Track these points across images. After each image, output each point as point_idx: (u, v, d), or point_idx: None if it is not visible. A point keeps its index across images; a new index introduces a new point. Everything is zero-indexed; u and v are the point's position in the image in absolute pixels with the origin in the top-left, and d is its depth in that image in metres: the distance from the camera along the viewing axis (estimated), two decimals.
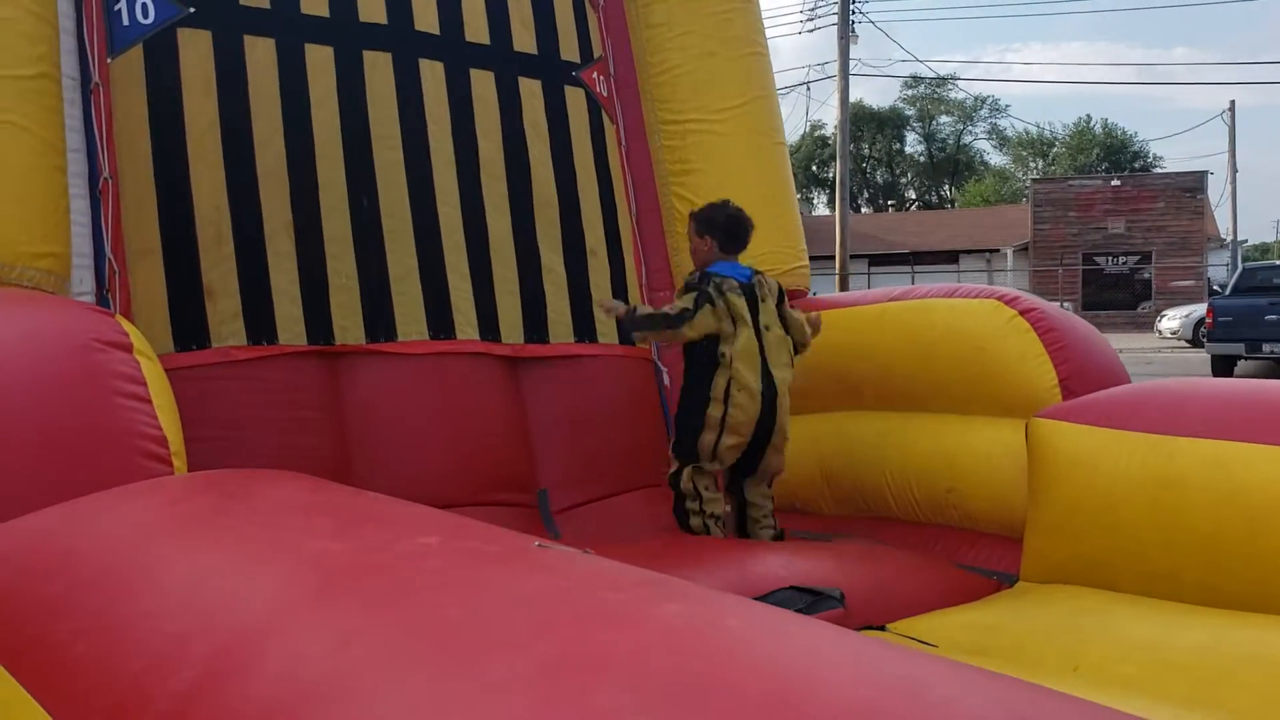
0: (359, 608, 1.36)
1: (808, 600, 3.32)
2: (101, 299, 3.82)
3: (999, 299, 4.28)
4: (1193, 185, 34.93)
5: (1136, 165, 49.63)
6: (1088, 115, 53.13)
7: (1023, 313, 4.16)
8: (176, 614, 1.51)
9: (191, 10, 4.07)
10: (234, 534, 1.79)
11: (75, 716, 1.44)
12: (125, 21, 3.96)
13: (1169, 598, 3.30)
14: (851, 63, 24.28)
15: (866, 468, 4.56)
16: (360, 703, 1.14)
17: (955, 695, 1.09)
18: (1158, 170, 47.41)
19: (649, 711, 1.01)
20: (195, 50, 4.07)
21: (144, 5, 3.98)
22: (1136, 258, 34.90)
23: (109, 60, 3.93)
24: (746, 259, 5.02)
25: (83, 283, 3.78)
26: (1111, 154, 50.89)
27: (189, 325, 3.94)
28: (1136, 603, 3.32)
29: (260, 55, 4.20)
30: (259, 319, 4.06)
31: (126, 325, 2.76)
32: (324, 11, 4.37)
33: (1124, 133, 52.35)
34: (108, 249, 3.85)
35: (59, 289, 3.58)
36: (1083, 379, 4.01)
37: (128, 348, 2.60)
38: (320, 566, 1.52)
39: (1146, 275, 34.84)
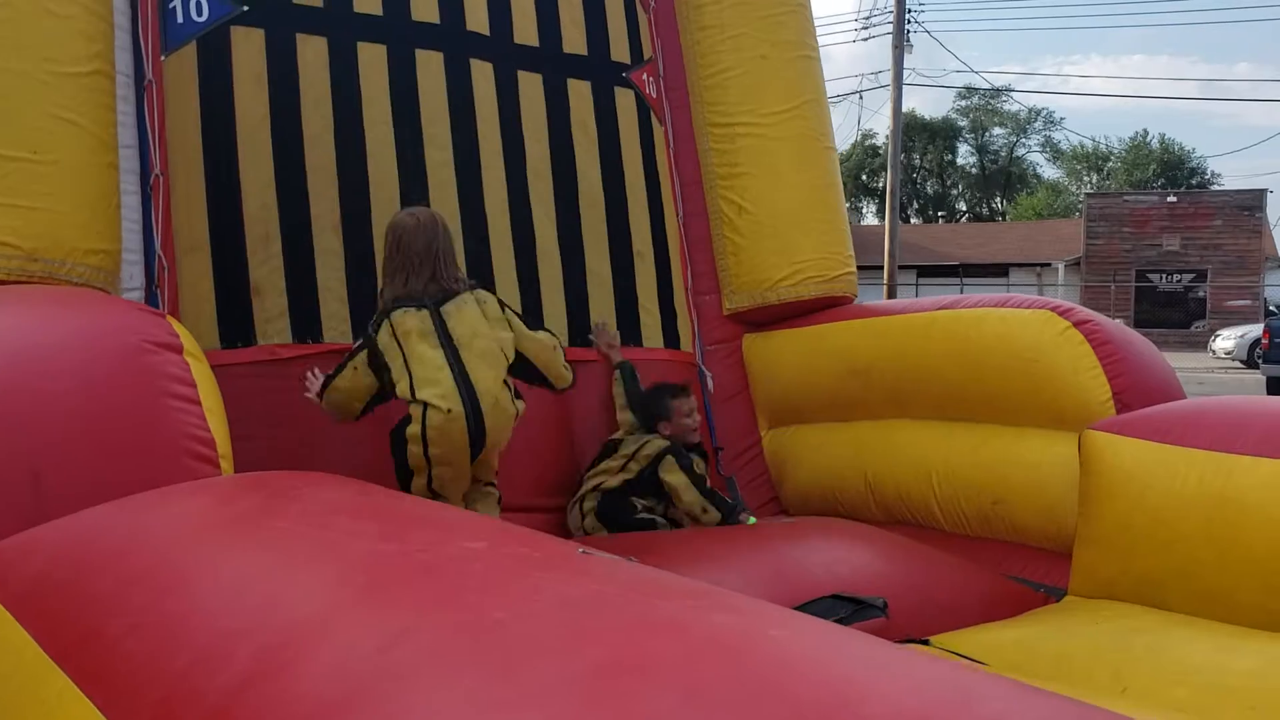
0: (406, 609, 1.36)
1: (849, 609, 3.27)
2: (151, 295, 3.86)
3: (1052, 309, 4.21)
4: (1251, 203, 34.37)
5: (1194, 182, 48.98)
6: (1144, 130, 52.61)
7: (1077, 324, 4.09)
8: (225, 611, 1.52)
9: (245, 8, 4.10)
10: (282, 534, 1.79)
11: (124, 711, 1.44)
12: (179, 19, 4.01)
13: (1223, 619, 3.22)
14: (905, 72, 24.14)
15: (912, 477, 4.51)
16: (407, 702, 1.13)
17: (1006, 710, 1.06)
18: (1215, 187, 46.72)
19: (699, 717, 0.99)
20: (248, 48, 4.10)
21: (198, 3, 4.03)
22: (1191, 275, 34.40)
23: (163, 57, 3.98)
24: (793, 265, 5.00)
25: (132, 278, 3.82)
26: (1168, 170, 50.25)
27: (235, 322, 3.97)
28: (1189, 623, 3.24)
29: (312, 53, 4.23)
30: (305, 317, 4.08)
31: (177, 327, 2.78)
32: (377, 10, 4.39)
33: (1181, 148, 51.71)
34: (158, 245, 3.88)
35: (109, 285, 3.61)
36: (1138, 394, 3.93)
37: (178, 349, 2.62)
38: (368, 567, 1.51)
39: (1201, 294, 34.33)
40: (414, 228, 3.63)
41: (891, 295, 23.10)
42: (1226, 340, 27.04)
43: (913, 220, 54.45)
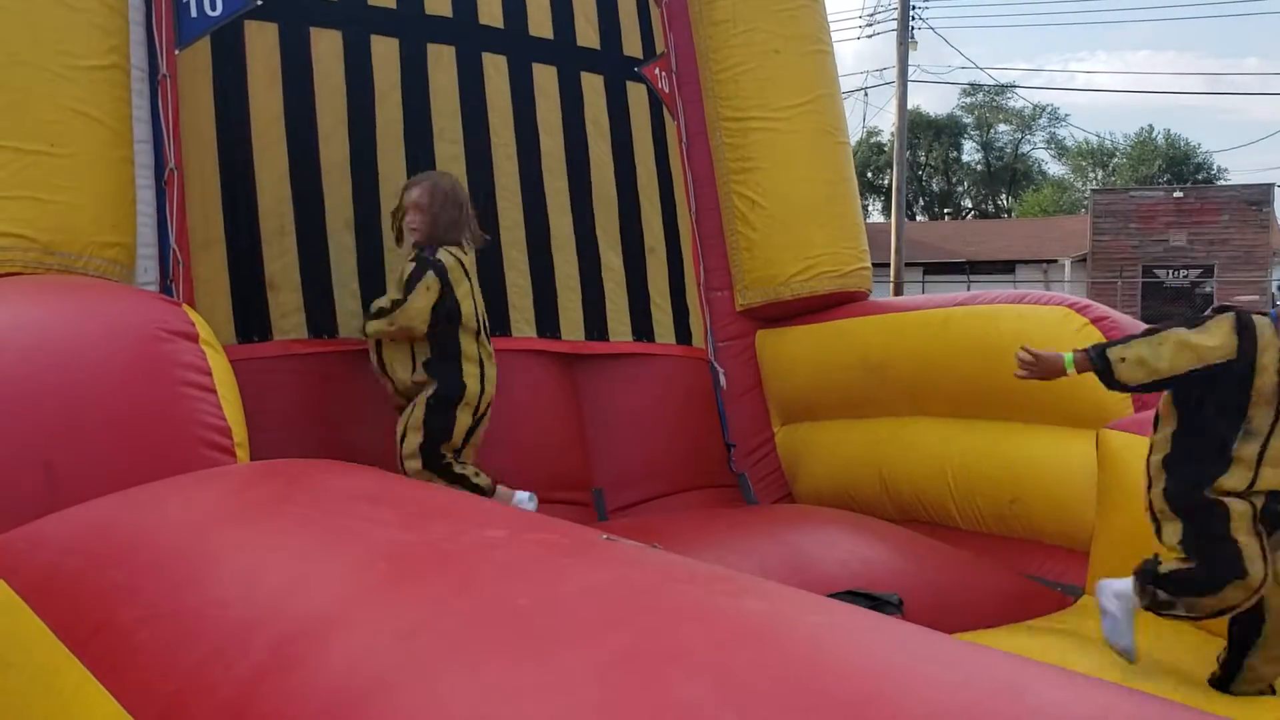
0: (428, 597, 1.34)
1: (864, 605, 3.25)
2: (165, 289, 3.85)
3: (1069, 306, 4.18)
4: (1258, 198, 34.19)
5: (1200, 177, 48.82)
6: (1149, 126, 52.43)
7: (1094, 321, 4.05)
8: (241, 601, 1.50)
9: (259, 2, 4.08)
10: (299, 522, 1.77)
11: (140, 701, 1.42)
12: (193, 14, 3.99)
13: None
14: (910, 69, 24.03)
15: (928, 475, 4.47)
16: (430, 692, 1.11)
17: (1057, 697, 1.03)
18: (1222, 182, 46.56)
19: (733, 706, 0.96)
20: (262, 42, 4.08)
21: None
22: (1198, 271, 34.24)
23: (177, 52, 3.96)
24: (806, 260, 4.99)
25: (147, 272, 3.81)
26: (1174, 165, 50.06)
27: (251, 317, 3.95)
28: (1207, 624, 3.21)
29: (326, 47, 4.21)
30: (320, 312, 4.06)
31: (193, 315, 2.77)
32: (390, 4, 4.37)
33: (1187, 144, 51.54)
34: (172, 239, 3.87)
35: (124, 278, 3.61)
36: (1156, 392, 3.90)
37: (194, 338, 2.61)
38: (388, 556, 1.49)
39: (1208, 289, 34.15)
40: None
41: (898, 293, 23.05)
42: None
43: (918, 217, 54.31)
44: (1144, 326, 4.29)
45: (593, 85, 4.94)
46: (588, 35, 4.96)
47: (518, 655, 1.15)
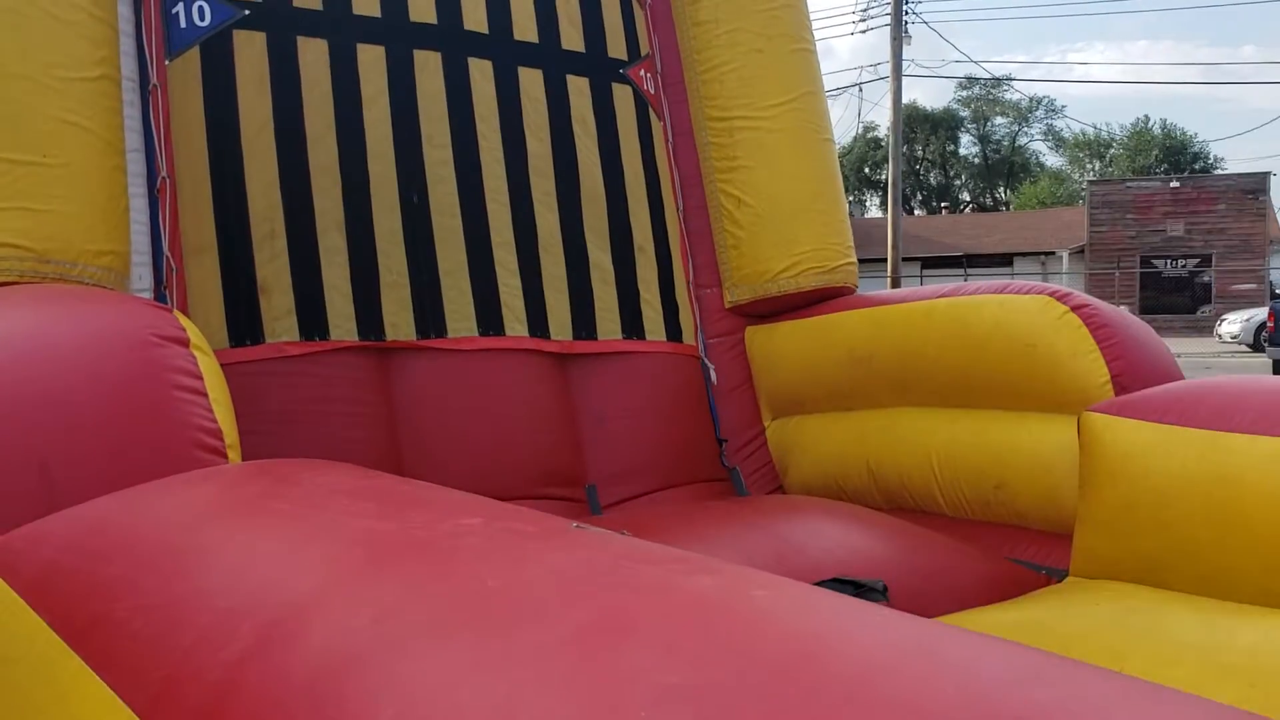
0: (401, 581, 1.41)
1: (849, 592, 3.31)
2: (159, 296, 3.91)
3: (1049, 295, 4.24)
4: (1254, 187, 34.30)
5: (1196, 166, 48.96)
6: (1145, 116, 52.62)
7: (1074, 309, 4.12)
8: (228, 590, 1.57)
9: (246, 12, 4.15)
10: (284, 516, 1.84)
11: (133, 688, 1.49)
12: (183, 24, 4.06)
13: (1224, 597, 3.25)
14: (905, 63, 24.10)
15: (914, 464, 4.54)
16: (403, 666, 1.18)
17: (969, 656, 1.12)
18: (1218, 171, 46.66)
19: (674, 670, 1.06)
20: (250, 51, 4.15)
21: (200, 8, 4.08)
22: (1196, 261, 34.34)
23: (167, 62, 4.03)
24: (792, 257, 5.05)
25: (141, 280, 3.87)
26: (1170, 155, 50.19)
27: (243, 321, 4.02)
28: (1189, 602, 3.27)
29: (313, 55, 4.28)
30: (311, 315, 4.13)
31: (184, 320, 2.83)
32: (375, 12, 4.44)
33: (1183, 133, 51.69)
34: (165, 247, 3.94)
35: (119, 286, 3.67)
36: (1135, 376, 3.97)
37: (185, 342, 2.66)
38: (365, 544, 1.56)
39: (1206, 278, 34.27)
40: None
41: (895, 287, 23.10)
42: (1232, 324, 27.08)
43: (916, 212, 54.44)
44: (1126, 314, 4.38)
45: (578, 88, 5.01)
46: (572, 39, 5.03)
47: (484, 631, 1.22)
